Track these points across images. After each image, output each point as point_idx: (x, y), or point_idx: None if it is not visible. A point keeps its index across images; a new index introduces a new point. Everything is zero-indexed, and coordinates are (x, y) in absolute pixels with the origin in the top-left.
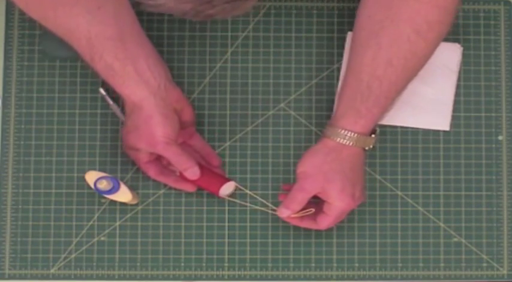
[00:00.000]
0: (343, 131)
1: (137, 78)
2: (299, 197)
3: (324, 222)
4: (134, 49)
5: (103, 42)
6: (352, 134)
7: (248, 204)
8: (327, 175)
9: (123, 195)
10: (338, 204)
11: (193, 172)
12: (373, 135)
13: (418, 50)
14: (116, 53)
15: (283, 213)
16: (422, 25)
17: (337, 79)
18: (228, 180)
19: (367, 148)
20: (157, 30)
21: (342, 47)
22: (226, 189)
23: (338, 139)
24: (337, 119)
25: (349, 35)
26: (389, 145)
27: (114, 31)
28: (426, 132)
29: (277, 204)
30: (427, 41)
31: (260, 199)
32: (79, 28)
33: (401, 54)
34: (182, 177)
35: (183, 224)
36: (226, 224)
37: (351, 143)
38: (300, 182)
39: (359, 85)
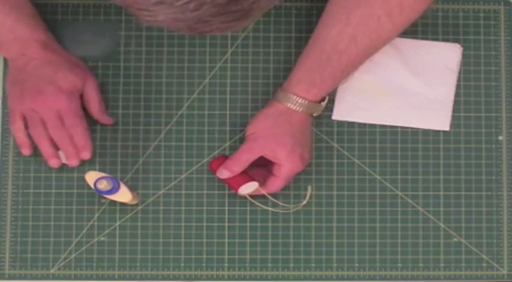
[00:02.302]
0: (294, 97)
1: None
2: (244, 158)
3: (274, 184)
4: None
5: None
6: (303, 100)
7: (252, 204)
8: (278, 137)
9: (123, 195)
10: (288, 165)
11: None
12: (322, 103)
13: (384, 31)
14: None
15: (224, 174)
16: (394, 8)
17: None
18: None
19: (315, 114)
20: (157, 31)
21: None
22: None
23: (288, 104)
24: (291, 85)
25: None
26: (389, 145)
27: None
28: (426, 132)
29: (277, 202)
30: (395, 25)
31: (260, 204)
32: None
33: (367, 33)
34: None
35: (183, 224)
36: (226, 224)
37: (300, 109)
38: (250, 143)
39: (320, 56)
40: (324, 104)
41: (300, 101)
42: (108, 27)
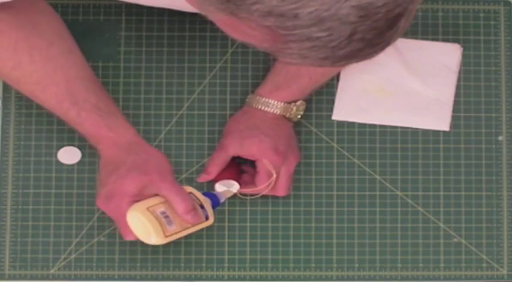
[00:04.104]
0: (258, 97)
1: (121, 115)
2: (216, 158)
3: (259, 181)
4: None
5: (82, 84)
6: (266, 99)
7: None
8: (243, 132)
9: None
10: (262, 157)
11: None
12: (292, 104)
13: None
14: (95, 91)
15: (201, 177)
16: None
17: (337, 79)
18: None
19: (287, 115)
20: (157, 31)
21: None
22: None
23: (254, 104)
24: (258, 88)
25: None
26: (389, 145)
27: (87, 72)
28: (426, 132)
29: (276, 202)
30: None
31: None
32: (57, 71)
33: None
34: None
35: None
36: (226, 224)
37: (264, 108)
38: (219, 142)
39: None
40: (295, 105)
41: (263, 100)
42: (108, 27)
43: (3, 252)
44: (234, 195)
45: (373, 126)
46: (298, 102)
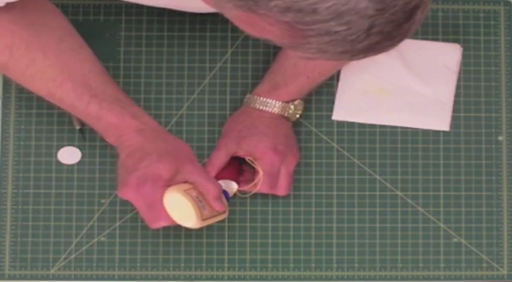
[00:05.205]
0: (256, 97)
1: (138, 106)
2: (216, 158)
3: (258, 179)
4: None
5: (98, 77)
6: (264, 99)
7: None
8: (241, 132)
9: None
10: (261, 157)
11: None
12: (290, 103)
13: None
14: (112, 84)
15: None
16: None
17: (337, 79)
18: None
19: (286, 115)
20: (157, 31)
21: None
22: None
23: (252, 104)
24: (256, 88)
25: None
26: (389, 145)
27: (100, 66)
28: (426, 132)
29: (276, 202)
30: None
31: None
32: (71, 66)
33: None
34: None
35: None
36: (226, 224)
37: (262, 107)
38: (217, 142)
39: (287, 61)
40: (293, 104)
41: (261, 99)
42: (108, 27)
43: (3, 252)
44: (234, 195)
45: (373, 126)
46: (296, 102)
